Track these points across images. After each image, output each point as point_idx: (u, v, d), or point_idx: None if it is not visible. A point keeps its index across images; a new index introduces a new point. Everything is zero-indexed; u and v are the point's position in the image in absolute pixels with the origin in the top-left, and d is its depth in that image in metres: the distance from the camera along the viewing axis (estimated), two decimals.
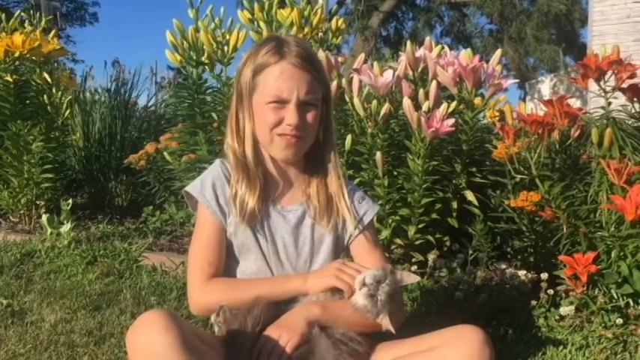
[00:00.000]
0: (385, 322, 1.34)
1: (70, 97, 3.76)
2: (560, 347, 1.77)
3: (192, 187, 1.49)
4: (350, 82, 2.41)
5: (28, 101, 3.51)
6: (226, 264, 1.47)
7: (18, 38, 3.33)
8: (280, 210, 1.48)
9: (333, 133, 1.51)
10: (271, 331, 1.32)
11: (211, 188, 1.46)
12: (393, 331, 1.34)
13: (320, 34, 2.96)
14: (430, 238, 2.33)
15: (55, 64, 4.15)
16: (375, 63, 2.41)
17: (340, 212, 1.48)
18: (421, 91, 2.33)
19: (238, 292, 1.41)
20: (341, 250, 1.51)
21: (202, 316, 1.69)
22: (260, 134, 1.44)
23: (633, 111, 2.27)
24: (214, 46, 2.75)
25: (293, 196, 1.50)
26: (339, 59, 2.60)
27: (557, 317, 1.89)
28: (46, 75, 3.54)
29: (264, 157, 1.48)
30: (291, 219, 1.47)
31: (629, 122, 2.28)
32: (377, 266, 1.39)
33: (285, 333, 1.31)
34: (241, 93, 1.44)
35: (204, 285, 1.43)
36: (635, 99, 2.24)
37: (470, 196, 2.35)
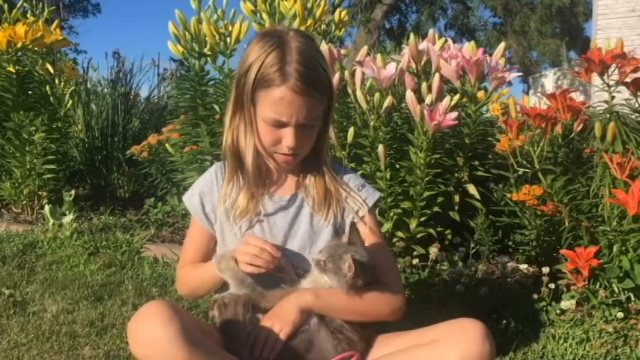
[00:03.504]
0: (344, 271, 1.32)
1: (72, 88, 3.76)
2: (561, 341, 1.78)
3: (185, 197, 1.55)
4: (353, 74, 2.41)
5: (30, 92, 3.51)
6: None
7: (20, 29, 3.32)
8: (278, 200, 1.48)
9: (330, 129, 1.51)
10: (264, 321, 1.34)
11: (198, 196, 1.51)
12: (346, 275, 1.32)
13: (323, 26, 2.95)
14: (432, 231, 2.33)
15: (58, 55, 4.14)
16: (379, 55, 2.40)
17: (339, 201, 1.48)
18: (424, 84, 2.32)
19: (190, 274, 1.53)
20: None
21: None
22: (260, 145, 1.43)
23: (637, 105, 2.26)
24: (217, 37, 2.74)
25: (289, 185, 1.50)
26: (342, 51, 2.59)
27: (558, 311, 1.89)
28: (48, 66, 3.54)
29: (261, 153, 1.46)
30: (289, 208, 1.47)
31: (633, 116, 2.27)
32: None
33: (277, 323, 1.33)
34: (242, 97, 1.40)
35: (177, 276, 1.59)
36: (638, 93, 2.22)
37: (472, 189, 2.35)
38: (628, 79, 2.19)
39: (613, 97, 2.22)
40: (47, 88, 3.52)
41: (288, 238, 1.46)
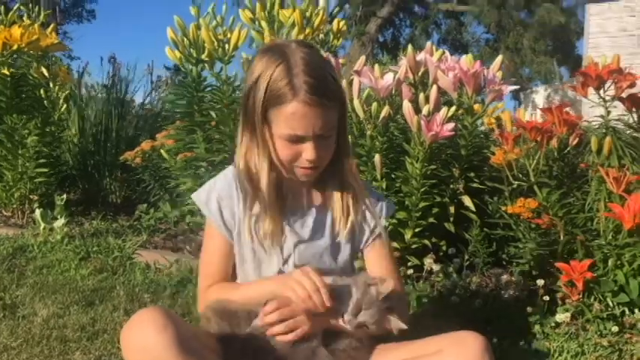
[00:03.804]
0: (394, 325, 1.31)
1: (66, 92, 3.75)
2: (556, 354, 1.77)
3: (198, 197, 1.46)
4: (350, 83, 2.41)
5: (24, 95, 3.49)
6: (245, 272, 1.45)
7: (16, 31, 3.31)
8: (298, 214, 1.43)
9: (347, 137, 1.46)
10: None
11: (216, 201, 1.42)
12: (404, 327, 1.30)
13: (321, 35, 2.96)
14: (427, 242, 2.33)
15: (53, 59, 4.13)
16: (377, 65, 2.41)
17: (358, 218, 1.45)
18: (421, 95, 2.33)
19: (227, 296, 1.40)
20: (356, 253, 1.49)
21: None
22: (279, 163, 1.38)
23: (631, 121, 2.27)
24: (215, 44, 2.74)
25: (311, 198, 1.46)
26: (340, 61, 2.60)
27: (553, 324, 1.88)
28: (43, 69, 3.53)
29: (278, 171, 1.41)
30: (309, 222, 1.43)
31: (627, 132, 2.28)
32: (356, 280, 1.34)
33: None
34: (252, 119, 1.34)
35: (202, 296, 1.44)
36: (633, 109, 2.24)
37: (467, 201, 2.35)
38: (624, 95, 2.20)
39: (609, 112, 2.24)
40: (41, 91, 3.50)
41: (308, 254, 1.42)
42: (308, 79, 1.29)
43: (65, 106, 3.67)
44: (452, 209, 2.36)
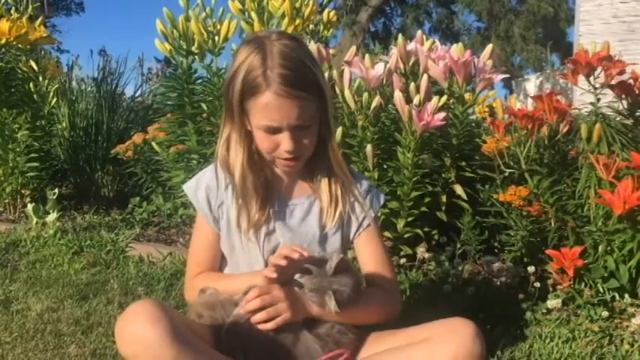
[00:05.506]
0: (330, 302, 1.30)
1: (56, 85, 3.73)
2: (547, 340, 1.79)
3: (189, 187, 1.49)
4: (341, 74, 2.41)
5: (13, 89, 3.47)
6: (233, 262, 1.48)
7: (4, 25, 3.29)
8: (286, 204, 1.45)
9: (331, 127, 1.45)
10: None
11: (204, 191, 1.45)
12: (336, 309, 1.28)
13: (311, 26, 2.96)
14: (419, 231, 2.34)
15: (42, 53, 4.10)
16: (367, 55, 2.41)
17: (346, 207, 1.46)
18: (412, 85, 2.33)
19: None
20: (347, 244, 1.50)
21: None
22: (261, 152, 1.40)
23: (620, 108, 2.28)
24: (205, 35, 2.73)
25: (298, 189, 1.47)
26: (331, 51, 2.59)
27: (544, 310, 1.90)
28: (32, 63, 3.50)
29: (265, 159, 1.43)
30: (297, 213, 1.45)
31: (617, 119, 2.29)
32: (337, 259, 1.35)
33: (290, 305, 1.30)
34: (231, 109, 1.37)
35: (189, 283, 1.49)
36: (623, 95, 2.25)
37: (459, 190, 2.36)
38: (613, 82, 2.21)
39: (599, 100, 2.24)
40: (31, 85, 3.48)
41: (297, 243, 1.42)
42: (282, 71, 1.29)
43: (55, 99, 3.66)
44: (444, 198, 2.37)
